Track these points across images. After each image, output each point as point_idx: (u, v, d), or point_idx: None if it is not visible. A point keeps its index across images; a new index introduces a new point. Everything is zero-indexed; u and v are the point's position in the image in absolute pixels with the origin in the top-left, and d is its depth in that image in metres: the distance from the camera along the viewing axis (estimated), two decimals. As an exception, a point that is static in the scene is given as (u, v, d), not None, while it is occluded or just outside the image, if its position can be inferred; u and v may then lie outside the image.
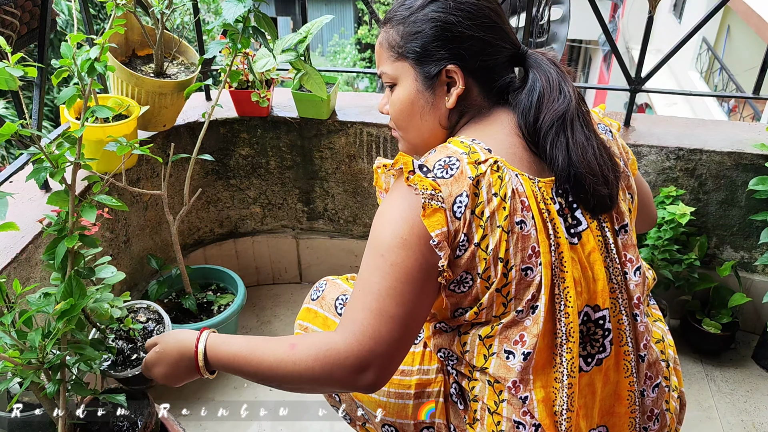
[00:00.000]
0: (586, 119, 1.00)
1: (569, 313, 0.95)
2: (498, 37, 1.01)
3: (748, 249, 1.98)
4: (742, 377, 1.94)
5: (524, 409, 0.97)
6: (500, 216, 0.92)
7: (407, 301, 0.90)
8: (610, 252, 1.00)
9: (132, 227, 1.83)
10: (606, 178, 0.97)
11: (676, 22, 10.89)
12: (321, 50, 14.21)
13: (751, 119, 7.80)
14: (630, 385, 1.01)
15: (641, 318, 1.02)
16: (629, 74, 1.88)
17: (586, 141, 0.97)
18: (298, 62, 1.77)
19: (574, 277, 0.95)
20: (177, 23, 6.69)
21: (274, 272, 2.29)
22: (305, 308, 1.26)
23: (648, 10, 1.77)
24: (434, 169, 0.94)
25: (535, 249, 0.93)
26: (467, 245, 0.92)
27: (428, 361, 1.10)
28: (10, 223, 1.07)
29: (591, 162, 0.96)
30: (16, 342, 1.04)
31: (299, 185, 2.10)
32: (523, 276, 0.93)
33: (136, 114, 1.54)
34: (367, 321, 0.89)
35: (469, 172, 0.92)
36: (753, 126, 2.01)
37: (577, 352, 0.96)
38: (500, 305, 0.96)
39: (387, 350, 0.89)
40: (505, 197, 0.92)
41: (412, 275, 0.90)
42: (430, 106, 1.03)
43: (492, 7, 1.01)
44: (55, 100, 6.13)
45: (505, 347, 0.97)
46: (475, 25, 0.99)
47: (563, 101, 0.98)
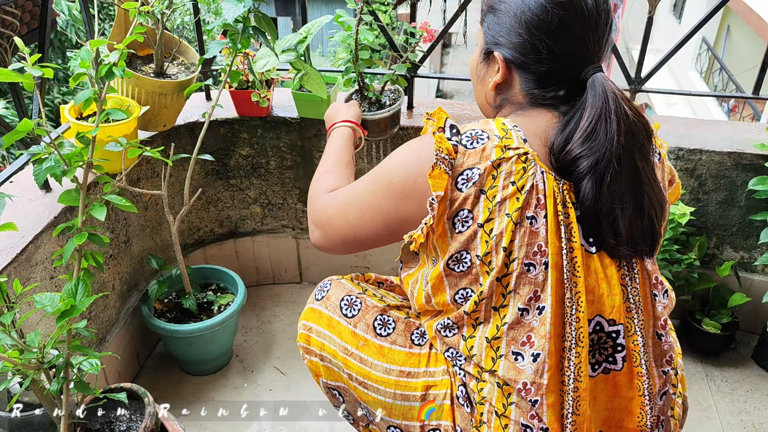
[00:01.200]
0: (636, 163, 0.93)
1: (580, 318, 0.94)
2: (557, 47, 0.94)
3: (748, 249, 1.98)
4: (741, 377, 1.94)
5: (532, 412, 0.96)
6: (511, 205, 0.92)
7: (363, 226, 1.03)
8: (632, 272, 0.99)
9: (132, 227, 1.83)
10: (633, 239, 0.94)
11: (676, 22, 10.89)
12: (321, 50, 14.21)
13: (750, 119, 7.80)
14: (642, 405, 1.00)
15: (666, 338, 1.02)
16: (629, 74, 1.88)
17: (626, 193, 0.92)
18: (298, 62, 1.77)
19: (587, 285, 0.95)
20: (177, 23, 6.69)
21: (274, 272, 2.29)
22: (309, 308, 1.26)
23: (648, 10, 1.77)
24: (463, 135, 0.95)
25: (541, 247, 0.93)
26: (471, 223, 0.94)
27: (434, 363, 1.10)
28: (9, 224, 1.07)
29: (619, 220, 0.92)
30: (16, 342, 1.04)
31: (299, 185, 2.10)
32: (524, 270, 0.93)
33: (137, 114, 1.54)
34: (337, 216, 1.07)
35: (493, 155, 0.92)
36: (753, 126, 2.02)
37: (585, 358, 0.96)
38: (500, 296, 0.96)
39: (335, 240, 1.08)
40: (521, 189, 0.92)
41: (380, 212, 1.01)
42: (481, 79, 1.07)
43: (564, 16, 0.93)
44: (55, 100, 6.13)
45: (512, 349, 0.97)
46: (533, 26, 0.94)
47: (599, 147, 0.91)
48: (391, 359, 1.12)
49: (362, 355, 1.14)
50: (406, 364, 1.11)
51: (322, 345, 1.20)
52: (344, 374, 1.18)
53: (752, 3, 7.59)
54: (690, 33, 1.80)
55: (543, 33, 0.94)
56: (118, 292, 1.79)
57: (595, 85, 0.93)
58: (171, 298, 1.89)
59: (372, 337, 1.15)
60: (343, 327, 1.18)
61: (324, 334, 1.20)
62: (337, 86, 1.97)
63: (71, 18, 6.19)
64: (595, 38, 0.95)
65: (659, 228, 0.97)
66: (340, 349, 1.17)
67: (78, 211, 1.13)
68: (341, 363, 1.17)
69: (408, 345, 1.13)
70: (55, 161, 1.08)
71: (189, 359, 1.86)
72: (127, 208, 1.16)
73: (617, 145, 0.91)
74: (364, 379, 1.14)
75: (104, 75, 1.08)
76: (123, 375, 1.82)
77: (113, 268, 1.76)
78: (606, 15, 0.95)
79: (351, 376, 1.16)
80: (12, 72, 0.98)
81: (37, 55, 1.01)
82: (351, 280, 1.30)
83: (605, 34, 0.96)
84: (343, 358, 1.17)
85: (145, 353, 1.96)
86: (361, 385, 1.15)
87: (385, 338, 1.15)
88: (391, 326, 1.16)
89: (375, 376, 1.12)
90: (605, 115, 0.91)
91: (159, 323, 1.74)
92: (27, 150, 1.14)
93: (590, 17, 0.94)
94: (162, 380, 1.89)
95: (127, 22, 1.71)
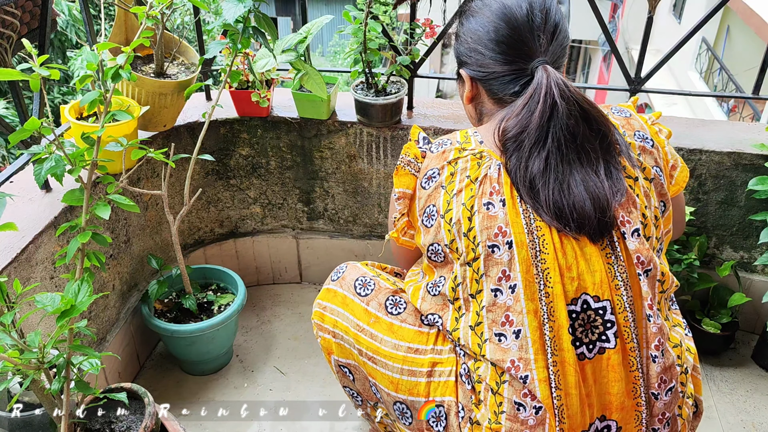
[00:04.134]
0: (565, 144, 1.01)
1: (549, 293, 0.99)
2: (504, 54, 1.06)
3: (748, 249, 1.98)
4: (741, 377, 1.95)
5: (525, 390, 0.99)
6: (466, 195, 1.03)
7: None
8: (615, 251, 1.02)
9: (132, 227, 1.83)
10: (560, 216, 1.00)
11: (676, 22, 10.89)
12: (321, 50, 14.21)
13: (750, 119, 7.80)
14: (635, 379, 1.03)
15: (654, 319, 1.03)
16: (629, 74, 1.88)
17: (549, 170, 1.01)
18: (298, 62, 1.77)
19: (560, 262, 0.99)
20: (177, 23, 6.69)
21: (274, 272, 2.29)
22: (325, 289, 1.33)
23: (648, 10, 1.77)
24: (432, 144, 1.12)
25: (501, 229, 1.00)
26: (435, 216, 1.07)
27: (442, 342, 1.15)
28: (9, 224, 1.07)
29: (540, 193, 1.01)
30: (17, 342, 1.04)
31: (299, 185, 2.10)
32: (490, 252, 1.01)
33: (137, 114, 1.54)
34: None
35: (451, 156, 1.08)
36: (752, 126, 2.02)
37: (560, 333, 0.99)
38: (473, 281, 1.03)
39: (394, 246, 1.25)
40: (475, 180, 1.04)
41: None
42: (461, 97, 1.19)
43: (503, 28, 1.05)
44: (55, 100, 6.13)
45: (495, 331, 1.02)
46: (482, 42, 1.08)
47: (523, 121, 1.01)
48: (401, 336, 1.18)
49: (373, 331, 1.20)
50: (415, 341, 1.16)
51: (335, 322, 1.27)
52: (354, 350, 1.24)
53: (752, 3, 7.59)
54: (690, 33, 1.80)
55: (491, 45, 1.07)
56: (118, 292, 1.79)
57: (536, 75, 1.04)
58: (171, 298, 1.89)
59: (383, 314, 1.22)
60: (356, 304, 1.25)
61: (337, 311, 1.27)
62: (337, 86, 1.98)
63: (71, 18, 6.19)
64: (533, 37, 1.05)
65: (595, 211, 0.99)
66: (352, 326, 1.23)
67: (79, 210, 1.14)
68: (352, 339, 1.23)
69: (417, 324, 1.19)
70: (56, 161, 1.08)
71: (189, 359, 1.86)
72: (130, 207, 1.17)
73: (544, 122, 1.00)
74: (374, 354, 1.20)
75: (110, 77, 1.09)
76: (123, 375, 1.82)
77: (113, 267, 1.76)
78: (544, 14, 1.05)
79: (361, 351, 1.22)
80: (19, 72, 0.98)
81: (45, 56, 1.01)
82: (366, 264, 1.37)
83: (544, 30, 1.05)
84: (354, 333, 1.23)
85: (145, 353, 1.96)
86: (371, 360, 1.20)
87: (395, 317, 1.21)
88: (402, 306, 1.22)
89: (384, 351, 1.18)
90: (537, 97, 1.01)
91: (159, 323, 1.75)
92: (27, 150, 1.14)
93: (525, 23, 1.05)
94: (162, 380, 1.89)
95: (127, 22, 1.71)
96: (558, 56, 1.08)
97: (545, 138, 1.00)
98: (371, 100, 1.85)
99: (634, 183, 1.04)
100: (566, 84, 1.02)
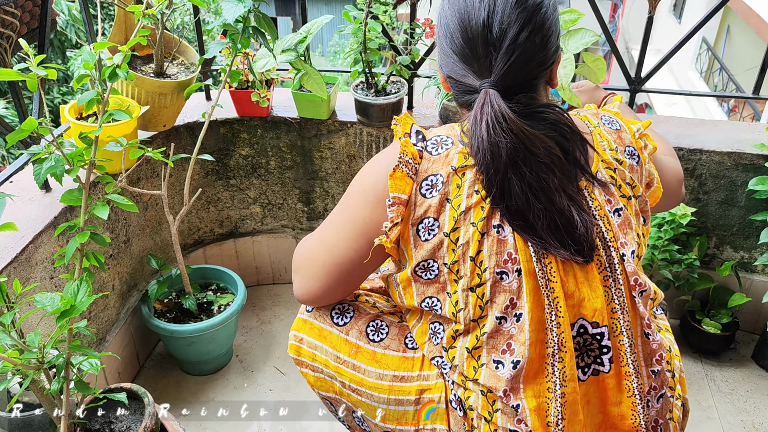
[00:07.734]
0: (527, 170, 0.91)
1: (561, 323, 0.94)
2: (462, 58, 0.96)
3: (748, 249, 1.98)
4: (741, 377, 1.94)
5: (518, 417, 0.97)
6: (476, 215, 0.93)
7: (342, 245, 1.04)
8: (614, 273, 0.98)
9: (132, 227, 1.83)
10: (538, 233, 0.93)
11: (676, 22, 10.89)
12: (321, 50, 14.21)
13: (750, 119, 7.80)
14: (634, 405, 1.00)
15: (653, 336, 1.02)
16: (629, 74, 1.88)
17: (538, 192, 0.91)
18: (298, 62, 1.77)
19: (566, 290, 0.95)
20: (177, 23, 6.69)
21: (274, 272, 2.29)
22: (300, 319, 1.22)
23: (648, 10, 1.77)
24: (428, 141, 0.99)
25: (511, 255, 0.93)
26: (436, 231, 0.95)
27: (428, 367, 1.09)
28: (9, 224, 1.07)
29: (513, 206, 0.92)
30: (16, 342, 1.04)
31: (299, 185, 2.10)
32: (498, 279, 0.94)
33: (136, 114, 1.54)
34: (315, 245, 1.10)
35: (455, 161, 0.95)
36: (753, 126, 2.01)
37: (571, 363, 0.95)
38: (477, 307, 0.96)
39: (317, 275, 1.10)
40: (485, 198, 0.93)
41: (356, 223, 1.02)
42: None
43: (464, 31, 0.94)
44: (55, 100, 6.13)
45: (493, 357, 0.97)
46: (446, 38, 0.98)
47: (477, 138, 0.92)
48: (385, 365, 1.11)
49: (355, 362, 1.13)
50: (400, 368, 1.10)
51: (313, 356, 1.18)
52: (337, 383, 1.16)
53: (752, 3, 7.60)
54: (690, 33, 1.80)
55: (447, 45, 0.98)
56: (118, 292, 1.79)
57: (479, 97, 0.94)
58: (171, 298, 1.89)
59: (365, 343, 1.14)
60: (335, 336, 1.16)
61: (315, 344, 1.17)
62: (337, 86, 1.98)
63: (71, 18, 6.19)
64: (485, 53, 0.93)
65: (573, 231, 0.93)
66: (332, 359, 1.15)
67: (78, 210, 1.14)
68: (333, 372, 1.15)
69: (402, 349, 1.12)
70: (56, 161, 1.08)
71: (189, 359, 1.86)
72: (129, 207, 1.17)
73: (495, 150, 0.90)
74: (357, 386, 1.13)
75: (107, 77, 1.08)
76: (123, 375, 1.82)
77: (113, 268, 1.76)
78: (502, 32, 0.92)
79: (344, 384, 1.15)
80: (16, 72, 0.98)
81: (42, 55, 1.01)
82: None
83: (499, 48, 0.93)
84: (335, 366, 1.15)
85: (145, 353, 1.96)
86: (355, 392, 1.14)
87: (378, 344, 1.14)
88: (384, 331, 1.15)
89: (368, 383, 1.11)
90: (478, 120, 0.92)
91: (159, 323, 1.74)
92: (27, 150, 1.14)
93: (480, 33, 0.93)
94: (162, 380, 1.89)
95: (127, 22, 1.71)
96: (521, 80, 0.94)
97: (505, 167, 0.91)
98: (371, 100, 1.85)
99: (627, 202, 1.00)
100: (505, 117, 0.90)
